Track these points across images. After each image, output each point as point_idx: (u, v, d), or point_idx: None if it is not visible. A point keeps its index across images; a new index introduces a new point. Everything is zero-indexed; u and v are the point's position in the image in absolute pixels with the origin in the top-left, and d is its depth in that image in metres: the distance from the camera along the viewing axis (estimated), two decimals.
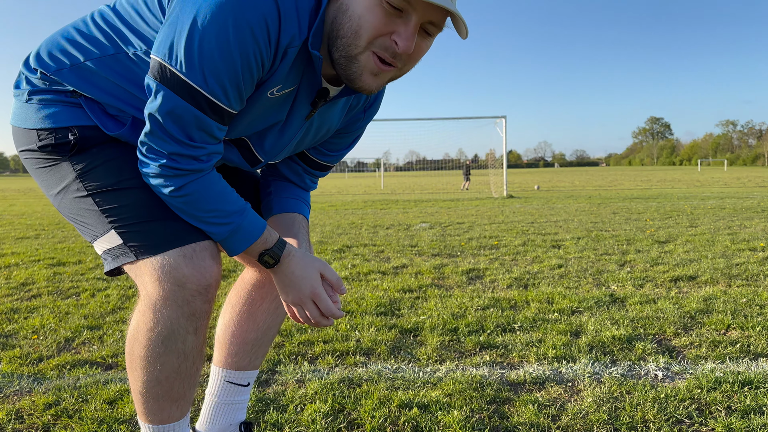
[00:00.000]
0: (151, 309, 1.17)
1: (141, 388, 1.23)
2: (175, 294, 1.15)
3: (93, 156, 1.19)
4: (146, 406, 1.25)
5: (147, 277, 1.16)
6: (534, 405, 1.93)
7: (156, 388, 1.22)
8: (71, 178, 1.19)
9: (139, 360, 1.20)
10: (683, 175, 44.45)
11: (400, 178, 48.77)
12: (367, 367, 2.33)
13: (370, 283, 3.97)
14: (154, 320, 1.17)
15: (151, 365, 1.19)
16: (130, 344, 1.22)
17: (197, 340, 1.21)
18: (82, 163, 1.19)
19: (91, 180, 1.18)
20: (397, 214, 10.55)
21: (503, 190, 17.52)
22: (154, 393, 1.22)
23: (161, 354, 1.18)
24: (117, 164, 1.19)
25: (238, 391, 1.51)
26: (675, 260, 4.68)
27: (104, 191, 1.18)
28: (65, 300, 3.61)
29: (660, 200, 12.95)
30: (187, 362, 1.22)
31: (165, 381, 1.21)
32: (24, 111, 1.22)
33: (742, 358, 2.37)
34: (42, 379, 2.24)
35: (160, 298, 1.15)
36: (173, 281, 1.14)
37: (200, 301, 1.17)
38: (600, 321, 2.91)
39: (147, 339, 1.18)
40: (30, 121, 1.20)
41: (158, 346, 1.18)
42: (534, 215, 9.53)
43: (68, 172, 1.20)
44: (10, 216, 11.33)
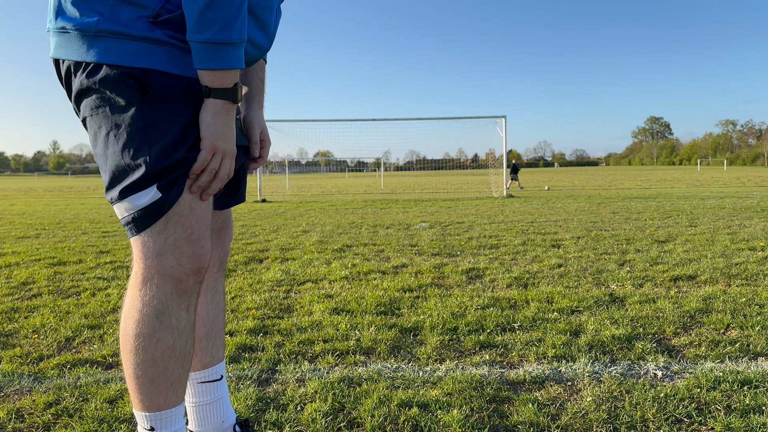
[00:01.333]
0: (147, 284, 1.21)
1: (136, 370, 1.23)
2: (172, 271, 1.21)
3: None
4: (142, 391, 1.25)
5: (148, 251, 1.20)
6: (533, 404, 1.93)
7: (152, 368, 1.23)
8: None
9: (134, 338, 1.22)
10: (683, 174, 44.45)
11: (401, 178, 48.78)
12: (367, 367, 2.34)
13: (370, 283, 3.98)
14: (150, 295, 1.21)
15: (146, 341, 1.22)
16: (124, 324, 1.24)
17: (189, 318, 1.26)
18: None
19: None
20: (397, 213, 10.55)
21: (503, 189, 17.52)
22: (150, 374, 1.23)
23: (156, 330, 1.21)
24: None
25: (214, 387, 1.52)
26: (674, 260, 4.68)
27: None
28: (66, 299, 3.62)
29: (660, 200, 12.96)
30: (181, 340, 1.25)
31: (160, 360, 1.23)
32: None
33: (742, 357, 2.37)
34: (42, 379, 2.24)
35: (157, 273, 1.20)
36: (173, 258, 1.20)
37: (193, 280, 1.24)
38: (599, 320, 2.92)
39: (141, 314, 1.21)
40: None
41: (152, 321, 1.21)
42: (534, 215, 9.53)
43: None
44: (11, 215, 11.33)
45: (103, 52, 1.14)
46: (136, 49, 1.14)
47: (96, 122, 1.19)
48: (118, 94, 1.15)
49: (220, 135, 1.19)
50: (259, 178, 18.14)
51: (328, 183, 36.83)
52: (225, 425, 1.52)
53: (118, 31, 1.13)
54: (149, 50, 1.14)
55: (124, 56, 1.13)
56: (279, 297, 3.59)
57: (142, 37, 1.13)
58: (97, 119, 1.19)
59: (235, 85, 1.18)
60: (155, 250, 1.20)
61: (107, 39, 1.13)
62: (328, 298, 3.51)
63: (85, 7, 1.14)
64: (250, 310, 3.26)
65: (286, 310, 3.27)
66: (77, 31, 1.15)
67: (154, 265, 1.20)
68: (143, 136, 1.15)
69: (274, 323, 2.98)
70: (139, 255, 1.22)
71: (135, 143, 1.15)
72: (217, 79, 1.15)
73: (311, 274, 4.33)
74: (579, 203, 12.36)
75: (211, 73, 1.15)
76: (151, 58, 1.14)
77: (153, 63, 1.15)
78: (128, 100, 1.15)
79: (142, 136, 1.15)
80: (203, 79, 1.16)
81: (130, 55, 1.13)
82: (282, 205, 13.78)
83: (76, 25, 1.14)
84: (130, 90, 1.14)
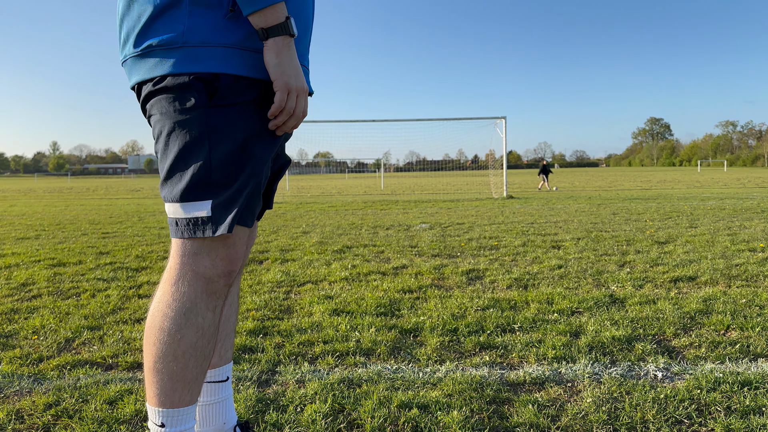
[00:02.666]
0: (179, 281, 1.25)
1: (156, 364, 1.25)
2: (205, 271, 1.25)
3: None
4: (158, 385, 1.26)
5: (185, 249, 1.25)
6: (534, 405, 1.93)
7: (171, 364, 1.25)
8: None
9: (159, 331, 1.24)
10: (683, 175, 44.46)
11: (401, 179, 48.79)
12: (367, 368, 2.34)
13: (370, 284, 3.98)
14: (181, 292, 1.24)
15: (170, 337, 1.24)
16: (152, 316, 1.27)
17: (214, 319, 1.28)
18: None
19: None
20: (397, 214, 10.55)
21: (503, 190, 17.52)
22: (169, 370, 1.25)
23: (182, 326, 1.24)
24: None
25: (220, 388, 1.52)
26: (675, 261, 4.68)
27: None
28: (65, 300, 3.62)
29: (660, 201, 12.96)
30: (204, 339, 1.27)
31: (181, 357, 1.25)
32: None
33: (742, 358, 2.37)
34: (42, 380, 2.24)
35: (191, 271, 1.24)
36: (208, 259, 1.25)
37: (223, 282, 1.27)
38: (600, 321, 2.92)
39: (170, 309, 1.24)
40: None
41: (180, 318, 1.24)
42: (534, 216, 9.53)
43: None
44: (11, 216, 11.33)
45: (182, 61, 1.18)
46: (211, 54, 1.18)
47: (160, 122, 1.23)
48: (186, 97, 1.19)
49: (289, 72, 1.20)
50: None
51: (328, 184, 36.84)
52: (226, 427, 1.53)
53: (201, 40, 1.18)
54: (224, 55, 1.19)
55: (200, 63, 1.18)
56: (279, 298, 3.59)
57: (220, 44, 1.19)
58: (162, 119, 1.23)
59: (287, 18, 1.19)
60: (192, 249, 1.24)
61: (188, 48, 1.18)
62: (328, 299, 3.50)
63: (166, 22, 1.19)
64: (250, 311, 3.26)
65: (286, 311, 3.27)
66: (162, 47, 1.19)
67: (189, 263, 1.25)
68: (205, 141, 1.19)
69: (274, 324, 2.98)
70: (176, 251, 1.27)
71: (196, 147, 1.20)
72: (269, 17, 1.17)
73: (311, 275, 4.33)
74: (579, 204, 12.36)
75: (261, 14, 1.16)
76: (223, 63, 1.19)
77: (225, 67, 1.19)
78: (195, 104, 1.19)
79: (204, 140, 1.19)
80: (256, 23, 1.17)
81: (205, 61, 1.18)
82: (282, 206, 13.78)
83: (162, 40, 1.19)
84: (198, 94, 1.19)
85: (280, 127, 1.26)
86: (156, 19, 1.19)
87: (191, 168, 1.20)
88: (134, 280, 4.24)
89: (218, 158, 1.19)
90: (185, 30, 1.18)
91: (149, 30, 1.21)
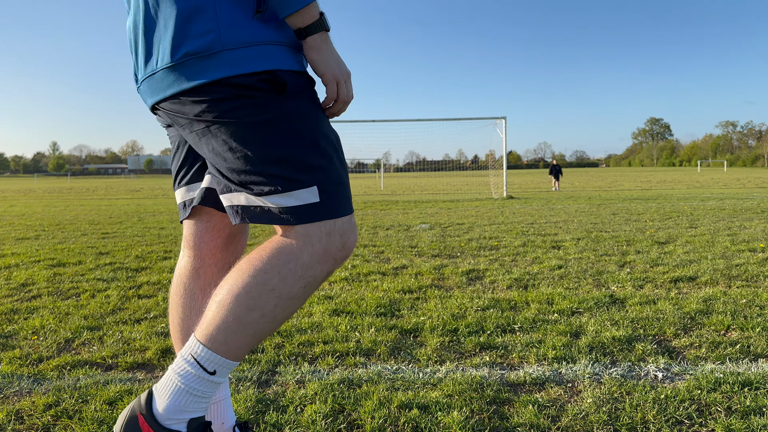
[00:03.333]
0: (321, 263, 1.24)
1: (242, 312, 1.21)
2: (336, 254, 1.25)
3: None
4: (232, 331, 1.21)
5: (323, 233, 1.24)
6: (534, 406, 1.93)
7: (260, 321, 1.22)
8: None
9: (269, 291, 1.21)
10: (683, 176, 44.47)
11: (400, 179, 48.79)
12: (367, 368, 2.33)
13: (370, 284, 3.97)
14: (312, 266, 1.23)
15: (276, 299, 1.22)
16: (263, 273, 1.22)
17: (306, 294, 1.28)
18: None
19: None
20: (397, 214, 10.55)
21: (503, 190, 17.52)
22: (254, 323, 1.22)
23: (294, 297, 1.23)
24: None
25: (220, 387, 1.49)
26: (675, 261, 4.68)
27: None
28: (65, 301, 3.61)
29: (660, 201, 12.96)
30: (291, 311, 1.26)
31: (271, 321, 1.23)
32: None
33: (742, 359, 2.37)
34: (42, 380, 2.24)
35: (334, 258, 1.25)
36: (341, 243, 1.26)
37: (339, 264, 1.29)
38: (600, 322, 2.91)
39: (296, 276, 1.22)
40: None
41: (299, 290, 1.23)
42: (534, 216, 9.53)
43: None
44: (11, 217, 11.33)
45: (232, 64, 1.18)
46: (262, 53, 1.20)
47: (227, 125, 1.21)
48: (255, 94, 1.19)
49: (334, 65, 1.27)
50: None
51: None
52: (225, 427, 1.52)
53: (244, 41, 1.18)
54: (272, 52, 1.21)
55: (251, 63, 1.18)
56: None
57: (266, 41, 1.20)
58: (229, 121, 1.21)
59: (321, 14, 1.24)
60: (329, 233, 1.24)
61: (229, 52, 1.18)
62: (328, 300, 3.50)
63: (199, 29, 1.17)
64: None
65: None
66: (197, 56, 1.18)
67: (326, 245, 1.24)
68: (289, 130, 1.21)
69: None
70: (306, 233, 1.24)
71: (283, 138, 1.21)
72: (306, 17, 1.21)
73: None
74: (579, 204, 12.36)
75: (298, 15, 1.20)
76: (274, 59, 1.21)
77: (277, 64, 1.21)
78: (266, 101, 1.20)
79: (288, 130, 1.21)
80: (295, 23, 1.21)
81: (256, 60, 1.19)
82: None
83: (197, 48, 1.17)
84: (268, 89, 1.20)
85: (333, 113, 1.34)
86: (189, 23, 1.18)
87: (286, 158, 1.21)
88: (134, 281, 4.24)
89: (310, 142, 1.23)
90: (221, 34, 1.18)
91: (182, 38, 1.18)
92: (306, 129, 1.23)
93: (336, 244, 1.25)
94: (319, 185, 1.23)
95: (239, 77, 1.18)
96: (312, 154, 1.23)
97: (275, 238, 1.28)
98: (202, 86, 1.19)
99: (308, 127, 1.24)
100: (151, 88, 1.27)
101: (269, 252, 1.25)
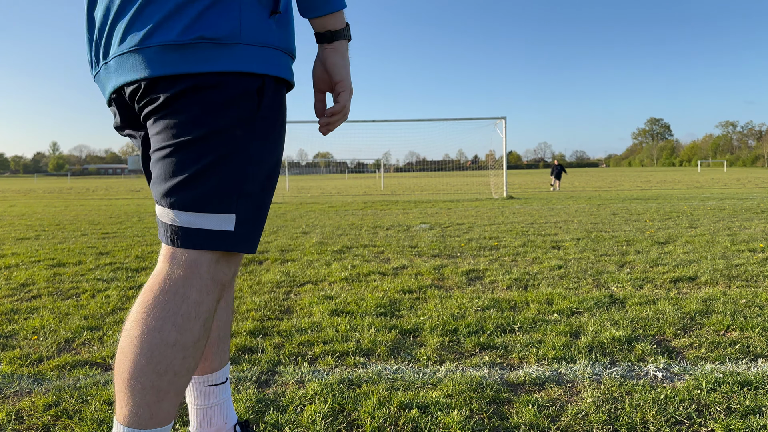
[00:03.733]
0: (211, 294, 1.17)
1: (157, 382, 1.11)
2: (224, 279, 1.19)
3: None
4: (150, 408, 1.12)
5: (212, 261, 1.16)
6: (534, 406, 1.93)
7: (174, 382, 1.14)
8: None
9: (172, 347, 1.12)
10: (683, 176, 44.48)
11: (400, 179, 48.78)
12: (366, 368, 2.34)
13: (370, 284, 3.97)
14: (203, 301, 1.15)
15: (182, 351, 1.13)
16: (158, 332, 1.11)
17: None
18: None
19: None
20: (397, 215, 10.55)
21: (503, 191, 17.52)
22: (167, 388, 1.13)
23: (199, 339, 1.15)
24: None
25: (219, 390, 1.51)
26: (674, 261, 4.68)
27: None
28: (65, 301, 3.62)
29: (660, 201, 12.96)
30: (200, 352, 1.18)
31: (186, 372, 1.15)
32: None
33: (742, 359, 2.37)
34: (42, 380, 2.24)
35: (222, 285, 1.19)
36: (227, 268, 1.19)
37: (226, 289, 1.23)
38: (599, 322, 2.92)
39: (191, 318, 1.14)
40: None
41: (199, 330, 1.15)
42: (534, 216, 9.53)
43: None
44: (11, 217, 11.33)
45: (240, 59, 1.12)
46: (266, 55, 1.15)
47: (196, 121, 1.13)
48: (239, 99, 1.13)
49: (349, 74, 1.26)
50: None
51: (327, 184, 36.83)
52: (227, 426, 1.53)
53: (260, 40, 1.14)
54: (272, 56, 1.17)
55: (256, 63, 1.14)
56: (279, 298, 3.59)
57: (270, 44, 1.16)
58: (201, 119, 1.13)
59: (347, 23, 1.24)
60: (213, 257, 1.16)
61: (245, 47, 1.13)
62: (328, 300, 3.50)
63: (221, 16, 1.11)
64: (249, 311, 3.26)
65: (285, 312, 3.27)
66: (213, 41, 1.10)
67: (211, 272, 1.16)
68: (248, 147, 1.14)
69: (273, 325, 2.98)
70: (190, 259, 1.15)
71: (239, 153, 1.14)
72: (338, 20, 1.21)
73: (311, 276, 4.33)
74: (579, 204, 12.36)
75: (333, 16, 1.20)
76: (272, 65, 1.16)
77: (274, 70, 1.17)
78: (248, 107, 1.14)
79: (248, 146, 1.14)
80: (327, 25, 1.21)
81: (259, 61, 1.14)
82: (282, 207, 13.77)
83: (215, 34, 1.10)
84: (252, 96, 1.14)
85: (330, 125, 1.29)
86: (212, 8, 1.10)
87: (222, 178, 1.13)
88: (134, 281, 4.24)
89: (255, 172, 1.17)
90: (242, 26, 1.12)
91: (200, 19, 1.10)
92: (265, 151, 1.17)
93: (223, 269, 1.18)
94: (239, 215, 1.15)
95: (248, 76, 1.13)
96: (254, 179, 1.16)
97: (156, 278, 1.16)
98: (208, 74, 1.11)
99: (267, 149, 1.18)
100: (132, 64, 1.12)
101: (154, 300, 1.13)
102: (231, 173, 1.14)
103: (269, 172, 1.20)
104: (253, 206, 1.18)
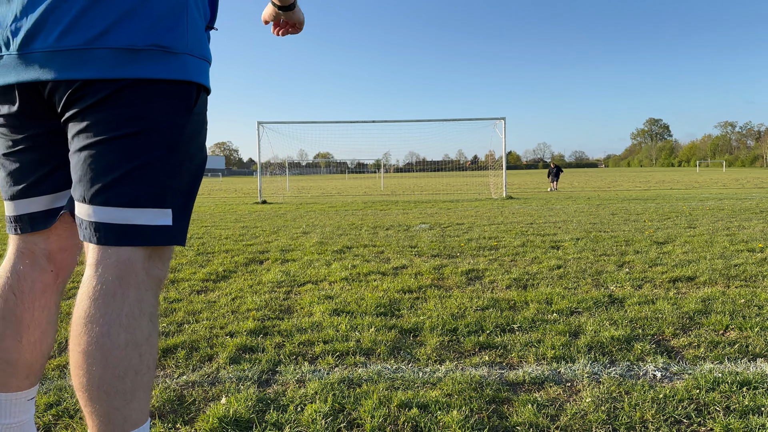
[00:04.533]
0: (150, 290, 1.18)
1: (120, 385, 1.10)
2: (159, 273, 1.22)
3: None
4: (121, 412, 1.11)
5: (145, 257, 1.17)
6: (533, 405, 1.94)
7: (139, 379, 1.13)
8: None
9: (125, 349, 1.10)
10: (682, 176, 44.51)
11: (400, 179, 48.79)
12: (367, 368, 2.34)
13: (370, 284, 3.98)
14: (144, 297, 1.16)
15: (136, 349, 1.12)
16: (106, 337, 1.09)
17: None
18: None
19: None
20: (397, 215, 10.56)
21: (503, 191, 17.54)
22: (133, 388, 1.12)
23: (151, 334, 1.15)
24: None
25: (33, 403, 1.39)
26: (673, 261, 4.69)
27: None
28: (66, 300, 3.62)
29: (659, 201, 12.97)
30: (156, 344, 1.19)
31: (148, 368, 1.15)
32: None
33: (741, 358, 2.38)
34: (43, 380, 2.25)
35: (159, 280, 1.22)
36: (161, 263, 1.22)
37: (162, 283, 1.28)
38: (599, 321, 2.92)
39: (136, 317, 1.13)
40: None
41: (148, 326, 1.15)
42: (533, 216, 9.54)
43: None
44: None
45: (184, 68, 1.20)
46: (201, 66, 1.26)
47: (137, 120, 1.14)
48: (177, 102, 1.20)
49: (298, 17, 1.68)
50: (260, 180, 18.17)
51: (328, 184, 36.85)
52: None
53: (199, 52, 1.24)
54: (205, 67, 1.27)
55: (196, 72, 1.23)
56: (279, 298, 3.60)
57: (204, 56, 1.26)
58: (141, 118, 1.14)
59: None
60: (149, 254, 1.18)
61: (189, 57, 1.21)
62: (328, 300, 3.51)
63: (172, 26, 1.18)
64: (250, 311, 3.27)
65: (286, 311, 3.28)
66: (165, 50, 1.17)
67: (160, 273, 1.22)
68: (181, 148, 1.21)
69: (274, 324, 2.98)
70: (126, 257, 1.14)
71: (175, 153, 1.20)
72: None
73: (311, 276, 4.33)
74: (578, 205, 12.37)
75: None
76: (204, 74, 1.26)
77: (204, 79, 1.26)
78: (184, 110, 1.22)
79: (181, 147, 1.21)
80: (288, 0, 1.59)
81: (198, 71, 1.24)
82: (282, 207, 13.78)
83: (168, 44, 1.17)
84: (188, 101, 1.22)
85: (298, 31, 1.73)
86: (164, 19, 1.16)
87: (162, 173, 1.17)
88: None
89: (189, 167, 1.24)
90: (188, 38, 1.21)
91: (154, 28, 1.14)
92: (196, 148, 1.26)
93: (158, 264, 1.20)
94: (174, 209, 1.19)
95: (187, 84, 1.20)
96: (187, 174, 1.23)
97: (88, 284, 1.13)
98: (157, 81, 1.15)
99: (198, 147, 1.27)
100: (73, 62, 1.11)
101: (94, 306, 1.11)
102: (168, 168, 1.18)
103: (198, 167, 1.28)
104: (185, 200, 1.24)
